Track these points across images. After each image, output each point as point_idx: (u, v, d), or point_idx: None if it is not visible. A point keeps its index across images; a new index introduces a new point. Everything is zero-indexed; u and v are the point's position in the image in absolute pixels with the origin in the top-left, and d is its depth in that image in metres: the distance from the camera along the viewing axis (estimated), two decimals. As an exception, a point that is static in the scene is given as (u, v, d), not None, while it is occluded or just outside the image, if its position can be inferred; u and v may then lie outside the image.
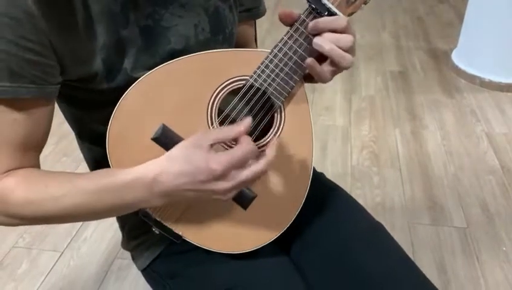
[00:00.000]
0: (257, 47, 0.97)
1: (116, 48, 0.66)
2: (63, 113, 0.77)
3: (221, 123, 0.70)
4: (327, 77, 0.69)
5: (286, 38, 0.68)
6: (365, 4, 0.72)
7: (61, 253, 1.61)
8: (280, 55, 0.68)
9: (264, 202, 0.72)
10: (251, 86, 0.69)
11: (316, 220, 0.82)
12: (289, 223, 0.75)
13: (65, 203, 0.63)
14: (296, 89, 0.71)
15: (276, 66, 0.69)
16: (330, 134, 2.21)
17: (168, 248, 0.81)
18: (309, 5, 0.67)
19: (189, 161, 0.60)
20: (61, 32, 0.61)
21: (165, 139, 0.63)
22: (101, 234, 1.68)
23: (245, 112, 0.71)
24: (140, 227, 0.77)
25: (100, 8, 0.64)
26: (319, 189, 0.85)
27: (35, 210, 0.64)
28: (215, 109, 0.69)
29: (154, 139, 0.63)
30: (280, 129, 0.72)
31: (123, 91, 0.66)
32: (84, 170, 0.77)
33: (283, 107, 0.71)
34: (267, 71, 0.69)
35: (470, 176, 1.92)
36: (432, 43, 3.15)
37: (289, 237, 0.81)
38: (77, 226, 1.71)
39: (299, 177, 0.74)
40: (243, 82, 0.69)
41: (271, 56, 0.69)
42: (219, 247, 0.74)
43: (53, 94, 0.65)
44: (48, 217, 0.66)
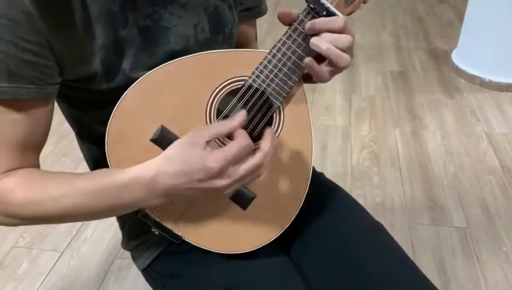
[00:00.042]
0: (257, 47, 0.97)
1: (114, 48, 0.66)
2: (63, 112, 0.77)
3: None
4: (326, 77, 0.68)
5: (284, 38, 0.68)
6: (364, 3, 0.72)
7: (61, 253, 1.61)
8: (278, 55, 0.68)
9: (264, 202, 0.72)
10: (250, 87, 0.69)
11: (316, 220, 0.82)
12: (289, 223, 0.75)
13: (64, 203, 0.63)
14: (295, 89, 0.71)
15: (274, 67, 0.68)
16: (330, 134, 2.21)
17: (168, 248, 0.81)
18: (307, 5, 0.66)
19: (185, 161, 0.59)
20: (59, 32, 0.61)
21: (164, 140, 0.63)
22: (101, 234, 1.68)
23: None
24: (140, 227, 0.77)
25: (99, 8, 0.64)
26: (319, 189, 0.85)
27: (34, 210, 0.64)
28: (214, 110, 0.69)
29: (152, 140, 0.63)
30: (279, 129, 0.72)
31: (122, 91, 0.66)
32: (84, 170, 0.77)
33: (282, 107, 0.71)
34: (266, 71, 0.69)
35: (470, 176, 1.92)
36: (432, 43, 3.15)
37: (289, 237, 0.81)
38: (77, 226, 1.71)
39: (299, 177, 0.74)
40: (242, 82, 0.69)
41: (269, 56, 0.68)
42: (219, 247, 0.74)
43: (52, 94, 0.65)
44: (48, 217, 0.66)
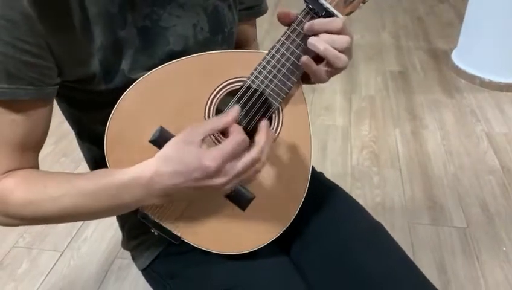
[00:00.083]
0: (258, 46, 0.97)
1: (113, 49, 0.66)
2: (63, 112, 0.77)
3: None
4: (323, 77, 0.68)
5: (283, 39, 0.68)
6: (364, 3, 0.71)
7: (61, 253, 1.61)
8: (277, 56, 0.68)
9: (263, 203, 0.72)
10: (248, 88, 0.69)
11: (316, 219, 0.82)
12: (288, 223, 0.75)
13: (64, 203, 0.64)
14: (294, 90, 0.71)
15: (273, 67, 0.68)
16: (330, 134, 2.21)
17: (168, 248, 0.81)
18: (306, 5, 0.66)
19: (181, 160, 0.59)
20: (58, 34, 0.61)
21: (163, 141, 0.63)
22: (101, 234, 1.68)
23: (243, 114, 0.71)
24: (140, 227, 0.77)
25: (97, 10, 0.64)
26: (319, 189, 0.85)
27: (34, 210, 0.64)
28: (213, 111, 0.69)
29: (151, 141, 0.63)
30: (278, 130, 0.72)
31: (121, 92, 0.66)
32: (84, 170, 0.77)
33: (281, 108, 0.71)
34: (265, 72, 0.68)
35: (470, 176, 1.92)
36: (432, 43, 3.15)
37: (289, 237, 0.81)
38: (77, 225, 1.71)
39: (298, 177, 0.74)
40: (241, 83, 0.69)
41: (268, 57, 0.68)
42: (218, 248, 0.74)
43: (51, 95, 0.65)
44: (47, 217, 0.66)
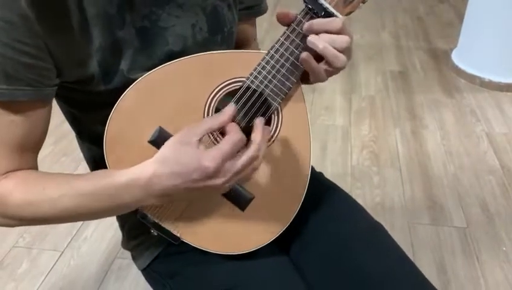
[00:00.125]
0: (258, 46, 0.97)
1: (112, 50, 0.66)
2: (63, 112, 0.77)
3: None
4: (322, 75, 0.68)
5: (282, 39, 0.68)
6: (363, 3, 0.71)
7: (61, 252, 1.61)
8: (276, 56, 0.68)
9: (262, 203, 0.72)
10: (248, 88, 0.69)
11: (315, 219, 0.82)
12: (288, 223, 0.75)
13: (63, 204, 0.64)
14: (293, 90, 0.71)
15: (272, 68, 0.68)
16: (330, 134, 2.21)
17: (168, 248, 0.81)
18: (305, 5, 0.66)
19: (179, 161, 0.59)
20: (56, 35, 0.61)
21: (162, 142, 0.62)
22: (102, 234, 1.68)
23: (242, 114, 0.71)
24: (140, 227, 0.77)
25: (96, 11, 0.64)
26: (318, 189, 0.85)
27: (33, 211, 0.65)
28: (212, 111, 0.69)
29: (150, 141, 0.63)
30: (277, 130, 0.72)
31: (121, 92, 0.66)
32: (84, 170, 0.77)
33: (280, 108, 0.71)
34: (264, 73, 0.68)
35: (470, 176, 1.92)
36: (432, 43, 3.15)
37: (288, 237, 0.81)
38: (77, 225, 1.71)
39: (297, 177, 0.74)
40: (240, 84, 0.69)
41: (267, 57, 0.68)
42: (218, 248, 0.74)
43: (50, 96, 0.65)
44: (46, 218, 0.66)
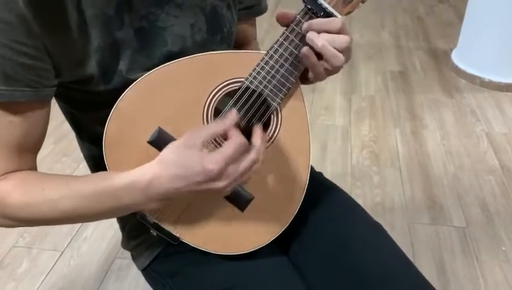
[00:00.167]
0: (258, 46, 0.97)
1: (110, 50, 0.66)
2: (63, 112, 0.77)
3: None
4: (322, 72, 0.68)
5: (281, 39, 0.68)
6: (363, 3, 0.71)
7: (61, 252, 1.61)
8: (276, 56, 0.68)
9: (262, 203, 0.72)
10: (247, 88, 0.69)
11: (315, 219, 0.82)
12: (287, 223, 0.75)
13: (62, 205, 0.64)
14: (293, 90, 0.71)
15: (271, 68, 0.68)
16: (330, 134, 2.21)
17: (168, 248, 0.81)
18: (305, 5, 0.66)
19: (182, 164, 0.59)
20: (54, 35, 0.61)
21: (161, 142, 0.63)
22: (101, 234, 1.68)
23: (241, 114, 0.71)
24: (140, 227, 0.77)
25: (94, 12, 0.64)
26: (318, 189, 0.85)
27: (32, 213, 0.64)
28: (211, 111, 0.69)
29: (150, 142, 0.63)
30: (277, 131, 0.72)
31: (120, 93, 0.66)
32: (84, 170, 0.77)
33: (279, 108, 0.71)
34: (263, 73, 0.68)
35: (470, 176, 1.92)
36: (432, 43, 3.15)
37: (288, 237, 0.81)
38: (77, 225, 1.71)
39: (297, 177, 0.74)
40: (239, 84, 0.69)
41: (266, 58, 0.68)
42: (217, 248, 0.74)
43: (49, 97, 0.65)
44: (45, 220, 0.66)
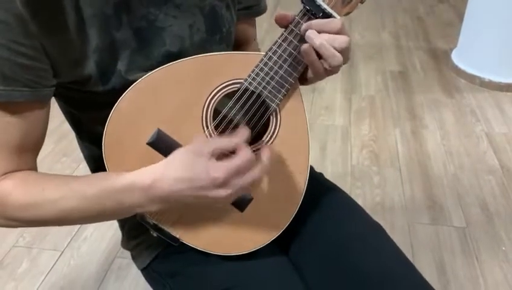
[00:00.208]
0: (258, 46, 0.97)
1: (109, 51, 0.66)
2: (63, 112, 0.77)
3: (216, 127, 0.70)
4: (321, 71, 0.68)
5: (280, 40, 0.68)
6: (362, 3, 0.71)
7: (61, 252, 1.61)
8: (274, 57, 0.68)
9: (262, 204, 0.72)
10: (246, 90, 0.69)
11: (315, 220, 0.82)
12: (287, 223, 0.75)
13: (62, 206, 0.64)
14: (292, 91, 0.71)
15: (270, 69, 0.68)
16: (330, 134, 2.21)
17: (167, 248, 0.81)
18: (303, 6, 0.66)
19: (188, 168, 0.60)
20: (52, 35, 0.61)
21: (161, 143, 0.63)
22: (101, 233, 1.68)
23: (240, 115, 0.71)
24: (139, 227, 0.77)
25: (92, 11, 0.64)
26: (318, 189, 0.85)
27: (32, 213, 0.64)
28: (210, 112, 0.69)
29: (149, 143, 0.63)
30: (276, 132, 0.72)
31: (119, 93, 0.66)
32: (84, 170, 0.77)
33: (278, 109, 0.71)
34: (262, 74, 0.68)
35: (470, 176, 1.92)
36: (432, 43, 3.15)
37: (288, 237, 0.81)
38: (77, 225, 1.71)
39: (296, 178, 0.74)
40: (238, 85, 0.69)
41: (265, 59, 0.68)
42: (217, 249, 0.74)
43: (47, 97, 0.65)
44: (45, 220, 0.66)
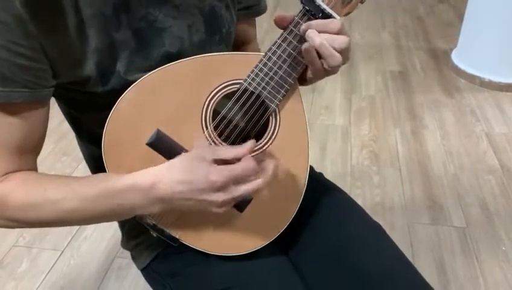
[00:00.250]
0: (258, 46, 0.97)
1: (108, 51, 0.66)
2: (63, 113, 0.77)
3: (215, 127, 0.70)
4: (320, 70, 0.68)
5: (280, 41, 0.68)
6: (362, 3, 0.71)
7: (61, 252, 1.61)
8: (274, 58, 0.68)
9: (261, 204, 0.72)
10: (245, 90, 0.69)
11: (314, 220, 0.83)
12: (287, 223, 0.75)
13: (63, 207, 0.64)
14: (291, 92, 0.71)
15: (270, 70, 0.68)
16: (330, 134, 2.21)
17: (167, 248, 0.80)
18: (303, 7, 0.66)
19: (189, 171, 0.60)
20: (51, 35, 0.61)
21: (160, 144, 0.63)
22: (101, 233, 1.68)
23: (240, 116, 0.71)
24: (139, 227, 0.77)
25: (92, 12, 0.64)
26: (318, 189, 0.85)
27: (33, 213, 0.64)
28: (209, 113, 0.69)
29: (148, 144, 0.63)
30: (275, 132, 0.72)
31: (118, 94, 0.66)
32: (84, 170, 0.77)
33: (278, 110, 0.71)
34: (261, 74, 0.68)
35: (470, 176, 1.92)
36: (432, 43, 3.15)
37: (288, 237, 0.81)
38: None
39: (296, 178, 0.74)
40: (238, 86, 0.69)
41: (265, 59, 0.68)
42: (217, 249, 0.74)
43: (47, 97, 0.65)
44: (46, 221, 0.66)
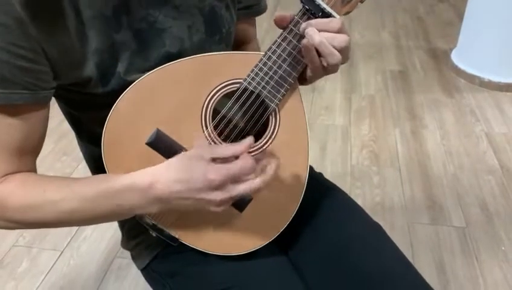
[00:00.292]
0: (258, 45, 0.97)
1: (109, 52, 0.66)
2: (63, 113, 0.77)
3: (215, 127, 0.70)
4: (320, 68, 0.68)
5: (280, 40, 0.68)
6: (361, 2, 0.71)
7: (61, 252, 1.61)
8: (274, 57, 0.68)
9: (261, 204, 0.72)
10: (245, 89, 0.69)
11: (314, 220, 0.83)
12: (287, 223, 0.75)
13: (63, 207, 0.64)
14: (291, 91, 0.71)
15: (269, 69, 0.68)
16: (330, 133, 2.21)
17: (167, 248, 0.80)
18: (303, 6, 0.66)
19: (187, 170, 0.60)
20: (52, 37, 0.61)
21: (160, 143, 0.63)
22: (101, 233, 1.68)
23: (239, 115, 0.71)
24: (139, 227, 0.77)
25: (92, 13, 0.64)
26: (317, 189, 0.85)
27: (33, 214, 0.65)
28: (209, 112, 0.69)
29: (148, 143, 0.63)
30: (275, 131, 0.72)
31: (118, 94, 0.66)
32: (84, 169, 0.77)
33: (278, 109, 0.71)
34: (261, 74, 0.68)
35: (470, 176, 1.92)
36: (432, 43, 3.15)
37: (287, 237, 0.81)
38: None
39: (296, 178, 0.74)
40: (237, 85, 0.69)
41: (264, 59, 0.68)
42: (217, 249, 0.74)
43: (47, 99, 0.65)
44: (45, 222, 0.66)
